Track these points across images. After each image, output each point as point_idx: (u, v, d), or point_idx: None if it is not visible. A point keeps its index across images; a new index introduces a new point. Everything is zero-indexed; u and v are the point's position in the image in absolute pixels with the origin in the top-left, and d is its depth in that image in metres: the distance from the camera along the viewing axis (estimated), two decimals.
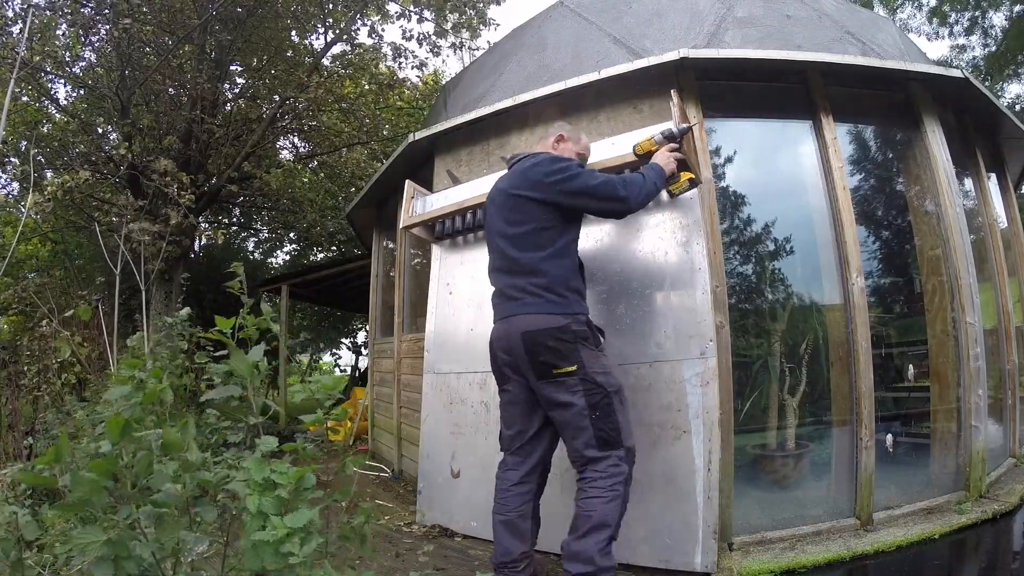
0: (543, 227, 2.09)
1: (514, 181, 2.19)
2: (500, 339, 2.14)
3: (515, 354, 2.07)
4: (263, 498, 1.20)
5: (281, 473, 1.23)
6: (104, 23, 6.40)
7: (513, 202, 2.15)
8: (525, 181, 2.13)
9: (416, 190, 3.50)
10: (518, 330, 2.03)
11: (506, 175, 2.29)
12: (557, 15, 4.03)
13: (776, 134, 3.32)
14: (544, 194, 2.09)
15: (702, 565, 2.23)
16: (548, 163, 2.13)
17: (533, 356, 2.01)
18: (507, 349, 2.10)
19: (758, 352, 3.03)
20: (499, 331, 2.16)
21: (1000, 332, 3.54)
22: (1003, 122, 3.82)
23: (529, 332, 2.01)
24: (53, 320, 4.23)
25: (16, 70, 4.29)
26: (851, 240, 2.81)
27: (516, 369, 2.11)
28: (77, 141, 7.14)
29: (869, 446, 2.66)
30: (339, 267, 7.63)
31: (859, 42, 3.52)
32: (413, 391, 3.95)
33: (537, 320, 2.01)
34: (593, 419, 1.96)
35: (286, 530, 1.15)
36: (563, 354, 1.98)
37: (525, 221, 2.11)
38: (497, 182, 2.33)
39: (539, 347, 1.99)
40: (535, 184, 2.10)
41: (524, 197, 2.12)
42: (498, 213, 2.22)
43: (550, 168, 2.10)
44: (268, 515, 1.18)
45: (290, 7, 7.48)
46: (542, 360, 2.00)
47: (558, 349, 1.98)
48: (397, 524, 3.13)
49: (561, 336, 1.99)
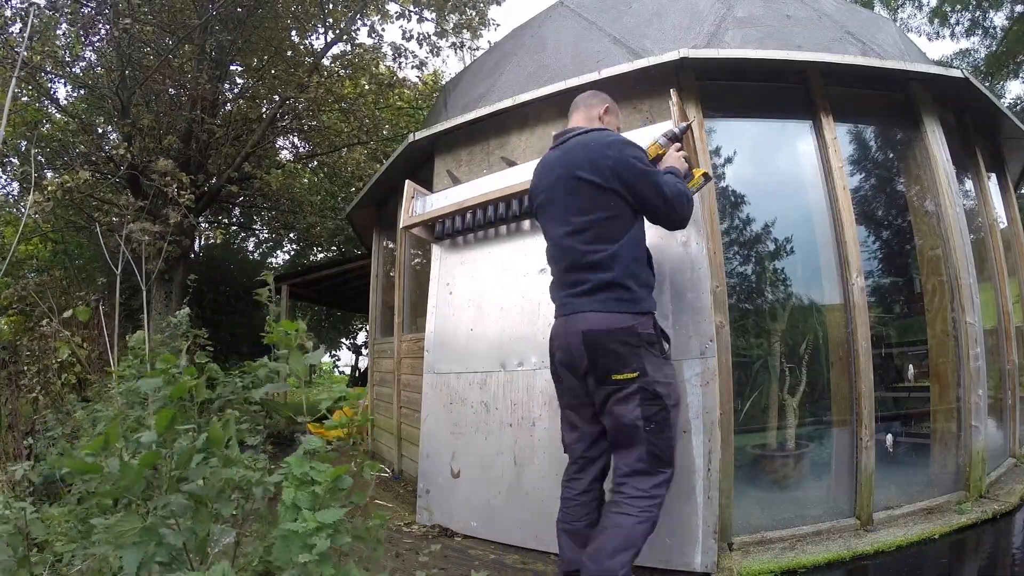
0: (612, 215, 1.87)
1: (578, 160, 1.91)
2: (557, 337, 1.96)
3: (573, 354, 1.89)
4: (299, 492, 1.23)
5: (320, 471, 1.27)
6: (104, 23, 6.40)
7: (576, 186, 1.90)
8: (593, 164, 1.87)
9: (416, 190, 3.51)
10: (578, 329, 1.85)
11: (560, 152, 2.01)
12: (557, 15, 4.03)
13: (776, 134, 3.32)
14: (615, 183, 1.85)
15: (702, 565, 2.23)
16: (620, 146, 1.89)
17: (592, 358, 1.83)
18: (564, 348, 1.92)
19: (758, 352, 3.03)
20: (557, 329, 1.97)
21: (1000, 332, 3.54)
22: (1003, 122, 3.82)
23: (590, 332, 1.82)
24: (53, 320, 4.23)
25: (17, 69, 4.28)
26: (851, 240, 2.81)
27: (574, 370, 1.94)
28: (77, 141, 7.15)
29: (869, 446, 2.66)
30: (339, 267, 7.65)
31: (859, 42, 3.52)
32: (413, 391, 3.95)
33: (600, 319, 1.83)
34: (647, 431, 1.79)
35: (316, 524, 1.18)
36: (624, 359, 1.80)
37: (591, 209, 1.88)
38: (549, 160, 2.05)
39: (600, 349, 1.82)
40: (606, 170, 1.86)
41: (590, 182, 1.87)
42: (559, 197, 1.96)
43: (623, 154, 1.87)
44: (301, 508, 1.21)
45: (290, 7, 7.48)
46: (601, 363, 1.83)
47: (620, 353, 1.80)
48: (397, 524, 3.13)
49: (626, 339, 1.80)
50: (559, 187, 1.96)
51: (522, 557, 2.61)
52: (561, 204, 1.95)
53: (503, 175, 3.18)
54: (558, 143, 2.06)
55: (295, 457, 1.29)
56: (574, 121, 2.13)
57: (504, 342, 2.94)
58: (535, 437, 2.74)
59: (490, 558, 2.61)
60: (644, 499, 1.79)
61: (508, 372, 2.90)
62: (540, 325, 2.82)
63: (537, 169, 2.13)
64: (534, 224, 3.04)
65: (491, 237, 3.15)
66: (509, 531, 2.76)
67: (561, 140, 2.05)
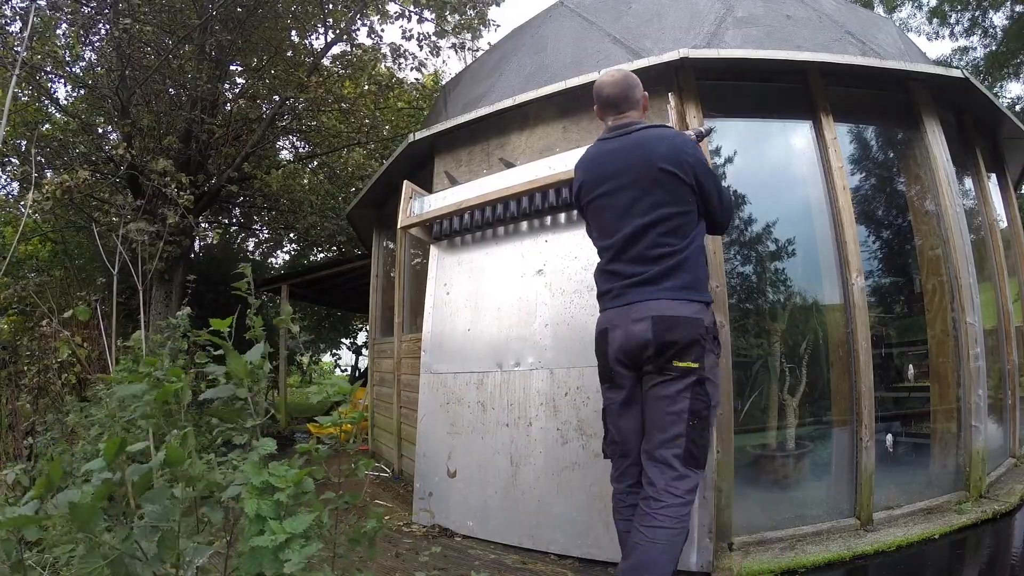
0: (688, 210, 1.87)
1: (660, 153, 1.86)
2: (617, 326, 1.88)
3: (636, 340, 1.82)
4: (261, 502, 1.17)
5: (279, 476, 1.20)
6: (104, 23, 6.40)
7: (660, 178, 1.85)
8: (676, 159, 1.85)
9: (414, 191, 3.50)
10: (648, 315, 1.81)
11: (627, 143, 1.95)
12: (557, 15, 4.03)
13: (776, 134, 3.32)
14: (693, 179, 1.85)
15: (698, 564, 2.23)
16: (694, 146, 1.93)
17: (660, 342, 1.78)
18: (628, 335, 1.84)
19: (758, 352, 3.02)
20: (614, 317, 1.90)
21: (1000, 332, 3.53)
22: (1003, 122, 3.82)
23: (662, 317, 1.79)
24: (53, 320, 4.23)
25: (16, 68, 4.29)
26: (851, 240, 2.81)
27: (633, 359, 1.86)
28: (77, 141, 7.14)
29: (869, 446, 2.66)
30: (339, 267, 7.64)
31: (859, 42, 3.51)
32: (413, 391, 3.95)
33: (672, 306, 1.81)
34: (690, 427, 1.75)
35: (286, 535, 1.13)
36: (690, 348, 1.77)
37: (671, 202, 1.85)
38: (611, 150, 1.98)
39: (670, 333, 1.78)
40: (687, 165, 1.85)
41: (674, 175, 1.84)
42: (633, 188, 1.89)
43: (699, 153, 1.91)
44: (267, 519, 1.16)
45: (290, 7, 7.48)
46: (667, 349, 1.78)
47: (688, 341, 1.77)
48: (397, 524, 3.12)
49: (695, 328, 1.79)
50: (635, 178, 1.89)
51: (522, 557, 2.61)
52: (633, 194, 1.90)
53: (501, 176, 3.17)
54: (618, 134, 1.99)
55: (251, 464, 1.23)
56: (629, 115, 2.04)
57: (501, 342, 2.94)
58: (531, 437, 2.74)
59: (490, 558, 2.61)
60: (681, 505, 1.71)
61: (505, 372, 2.89)
62: (537, 326, 2.82)
63: (592, 160, 2.05)
64: (532, 225, 3.04)
65: (489, 238, 3.15)
66: (505, 531, 2.76)
67: (623, 131, 1.98)
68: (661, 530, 1.69)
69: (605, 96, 2.05)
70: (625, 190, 1.91)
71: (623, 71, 2.13)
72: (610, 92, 2.04)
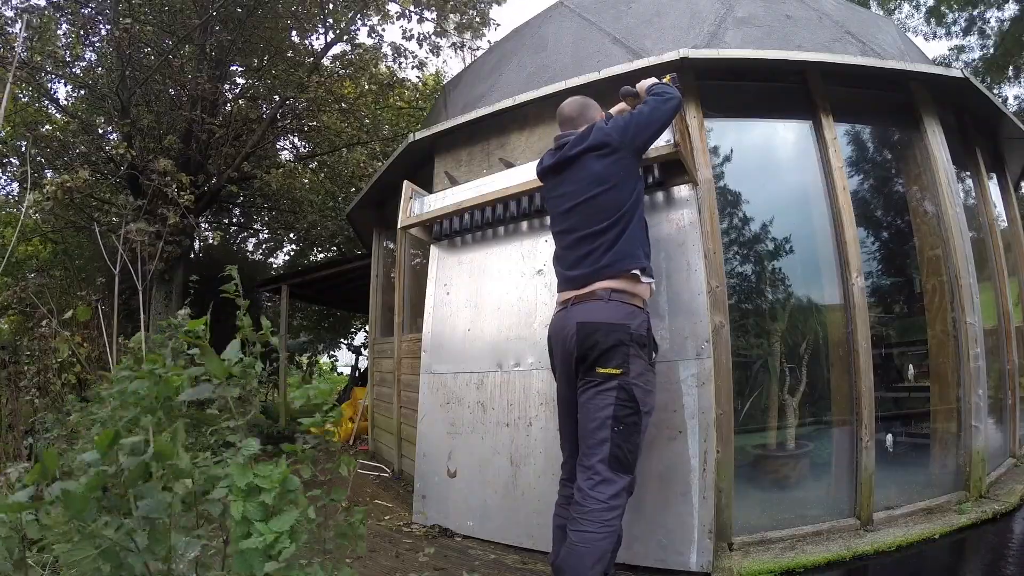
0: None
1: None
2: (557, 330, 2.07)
3: (566, 346, 1.98)
4: (247, 504, 1.17)
5: (264, 477, 1.20)
6: (104, 23, 6.41)
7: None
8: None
9: (414, 191, 3.50)
10: (574, 319, 1.94)
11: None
12: (557, 15, 4.03)
13: (776, 134, 3.32)
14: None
15: (697, 564, 2.23)
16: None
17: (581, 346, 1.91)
18: (561, 340, 2.02)
19: (758, 352, 3.02)
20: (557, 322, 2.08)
21: (1000, 332, 3.53)
22: (1003, 122, 3.81)
23: (583, 323, 1.92)
24: (53, 320, 4.23)
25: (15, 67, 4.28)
26: (851, 240, 2.81)
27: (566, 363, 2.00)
28: (77, 141, 7.14)
29: (869, 446, 2.66)
30: (339, 267, 7.62)
31: (859, 42, 3.51)
32: (413, 391, 3.95)
33: (595, 311, 1.92)
34: (615, 432, 1.82)
35: (274, 535, 1.13)
36: (610, 354, 1.87)
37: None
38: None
39: (590, 340, 1.89)
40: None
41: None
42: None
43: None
44: (253, 522, 1.15)
45: (290, 7, 7.48)
46: (588, 351, 1.89)
47: (610, 345, 1.87)
48: (397, 524, 3.12)
49: (618, 334, 1.88)
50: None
51: (522, 557, 2.61)
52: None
53: (501, 176, 3.17)
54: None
55: (235, 465, 1.22)
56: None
57: (501, 342, 2.94)
58: (531, 437, 2.74)
59: (490, 558, 2.61)
60: (606, 511, 1.76)
61: (505, 372, 2.89)
62: (536, 326, 2.82)
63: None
64: (531, 225, 3.04)
65: (489, 238, 3.15)
66: (505, 531, 2.75)
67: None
68: (584, 534, 1.75)
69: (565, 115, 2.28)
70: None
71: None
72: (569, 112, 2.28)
